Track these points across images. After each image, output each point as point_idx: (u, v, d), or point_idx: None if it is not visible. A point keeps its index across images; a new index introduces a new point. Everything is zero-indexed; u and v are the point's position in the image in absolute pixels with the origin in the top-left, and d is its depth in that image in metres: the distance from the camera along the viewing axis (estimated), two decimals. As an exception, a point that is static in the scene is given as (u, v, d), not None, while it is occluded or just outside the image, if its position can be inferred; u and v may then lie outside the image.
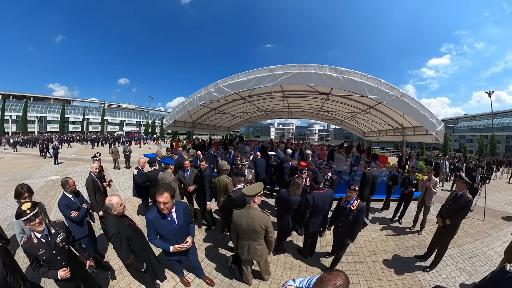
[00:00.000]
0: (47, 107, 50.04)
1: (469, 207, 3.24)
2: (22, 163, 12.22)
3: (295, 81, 6.43)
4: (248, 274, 2.84)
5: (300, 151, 7.21)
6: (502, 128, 40.59)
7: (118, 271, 3.13)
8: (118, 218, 2.23)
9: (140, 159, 5.00)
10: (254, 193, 2.50)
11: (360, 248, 3.93)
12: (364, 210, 3.00)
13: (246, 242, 2.51)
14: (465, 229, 4.98)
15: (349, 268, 3.38)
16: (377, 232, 4.66)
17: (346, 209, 3.06)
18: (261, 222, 2.39)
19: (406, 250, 3.95)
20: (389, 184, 5.76)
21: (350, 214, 2.98)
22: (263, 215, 2.48)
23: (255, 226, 2.37)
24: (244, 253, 2.59)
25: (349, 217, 2.99)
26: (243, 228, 2.43)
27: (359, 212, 2.95)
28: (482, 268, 3.51)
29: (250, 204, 2.51)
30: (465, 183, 3.35)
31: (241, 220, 2.43)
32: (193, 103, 8.77)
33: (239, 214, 2.51)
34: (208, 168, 4.20)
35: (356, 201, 3.01)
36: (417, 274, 3.28)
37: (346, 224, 3.04)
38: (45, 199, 6.17)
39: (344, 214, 3.07)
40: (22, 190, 2.69)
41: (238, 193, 3.04)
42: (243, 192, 2.58)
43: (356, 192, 3.04)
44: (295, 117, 17.47)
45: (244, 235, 2.48)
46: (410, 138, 9.31)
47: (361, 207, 2.97)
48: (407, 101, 5.98)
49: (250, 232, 2.42)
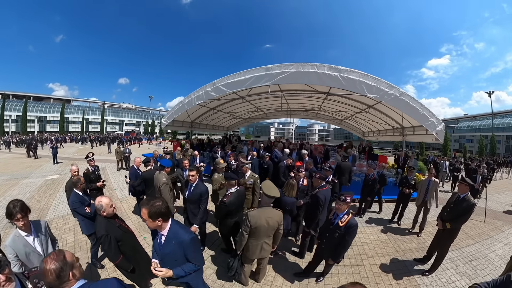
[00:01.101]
0: (46, 107, 50.02)
1: (471, 212, 3.10)
2: (22, 163, 12.25)
3: (292, 80, 6.35)
4: (246, 274, 2.79)
5: (298, 151, 7.11)
6: (502, 128, 40.50)
7: (111, 269, 3.13)
8: (107, 219, 2.20)
9: (136, 158, 4.98)
10: (273, 195, 2.49)
11: (357, 251, 3.83)
12: (355, 229, 2.47)
13: (260, 242, 2.48)
14: (465, 231, 4.87)
15: (345, 272, 3.29)
16: (375, 234, 4.56)
17: (333, 223, 2.59)
18: (279, 219, 2.46)
19: (405, 253, 3.85)
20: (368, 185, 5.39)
21: (337, 231, 2.51)
22: (278, 212, 2.53)
23: (274, 223, 2.43)
24: (256, 252, 2.53)
25: (335, 235, 2.53)
26: (263, 227, 2.40)
27: (347, 230, 2.46)
28: (483, 271, 3.41)
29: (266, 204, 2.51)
30: (467, 185, 3.21)
31: (261, 221, 2.40)
32: (191, 102, 8.73)
33: (258, 215, 2.43)
34: (199, 183, 3.24)
35: (346, 216, 2.52)
36: (416, 278, 3.18)
37: (331, 242, 2.58)
38: (44, 198, 6.18)
39: (331, 230, 2.61)
40: (14, 209, 1.97)
41: (231, 197, 2.90)
42: (264, 192, 2.48)
43: (347, 204, 2.52)
44: (294, 117, 17.39)
45: (260, 234, 2.45)
46: (410, 138, 9.22)
47: (351, 225, 2.47)
48: (407, 100, 5.88)
49: (268, 230, 2.44)
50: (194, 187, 3.17)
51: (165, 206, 1.69)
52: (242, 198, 3.13)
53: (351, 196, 2.59)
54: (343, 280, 3.12)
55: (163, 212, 1.66)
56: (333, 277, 3.16)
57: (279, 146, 7.74)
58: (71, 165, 3.88)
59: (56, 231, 4.16)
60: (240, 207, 3.04)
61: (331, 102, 10.86)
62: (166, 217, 1.70)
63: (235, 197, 2.93)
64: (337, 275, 3.22)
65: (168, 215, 1.73)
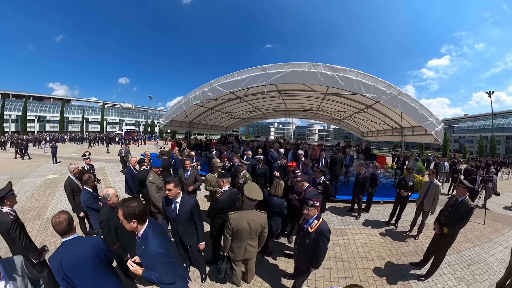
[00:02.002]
0: (46, 107, 50.03)
1: (470, 216, 2.98)
2: (21, 162, 12.32)
3: (289, 80, 6.28)
4: (238, 274, 2.76)
5: (293, 151, 7.03)
6: (502, 128, 40.34)
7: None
8: (112, 208, 2.45)
9: (132, 158, 5.13)
10: (254, 197, 2.46)
11: (351, 254, 3.74)
12: (326, 235, 2.24)
13: (243, 244, 2.49)
14: (464, 233, 4.76)
15: (337, 275, 3.20)
16: (371, 236, 4.45)
17: (303, 229, 2.40)
18: (262, 222, 2.44)
19: (401, 256, 3.75)
20: (359, 183, 5.31)
21: (307, 237, 2.32)
22: (262, 214, 2.52)
23: (257, 226, 2.41)
24: (241, 254, 2.55)
25: (306, 241, 2.33)
26: (245, 230, 2.41)
27: (319, 236, 2.24)
28: (482, 276, 3.29)
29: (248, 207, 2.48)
30: (466, 188, 3.08)
31: (243, 223, 2.41)
32: (188, 102, 8.73)
33: (239, 218, 2.44)
34: (185, 197, 2.58)
35: (316, 221, 2.32)
36: (411, 283, 3.08)
37: (304, 248, 2.39)
38: (43, 197, 6.25)
39: (301, 236, 2.42)
40: None
41: (224, 195, 2.91)
42: (245, 194, 2.48)
43: (316, 209, 2.32)
44: (293, 117, 17.34)
45: (243, 237, 2.45)
46: (409, 138, 9.14)
47: (322, 230, 2.24)
48: (405, 100, 5.80)
49: (251, 233, 2.43)
50: (180, 204, 2.49)
51: (141, 208, 1.62)
52: (234, 198, 3.12)
53: (319, 200, 2.41)
54: (335, 283, 3.04)
55: (137, 214, 1.59)
56: (324, 281, 3.08)
57: (275, 146, 7.67)
58: (70, 164, 3.95)
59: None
60: (232, 205, 2.99)
61: (329, 102, 10.78)
62: (141, 219, 1.63)
63: (228, 195, 2.95)
64: (329, 278, 3.14)
65: (144, 218, 1.66)
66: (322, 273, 3.23)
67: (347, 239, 4.30)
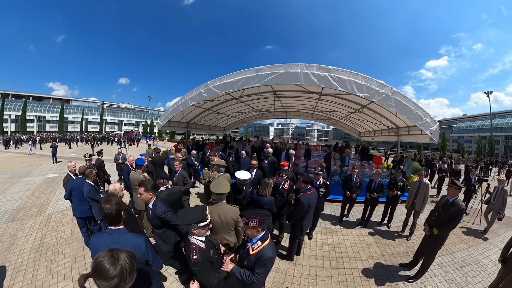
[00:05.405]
0: (46, 107, 50.09)
1: (461, 217, 2.92)
2: (22, 162, 12.48)
3: (281, 81, 6.29)
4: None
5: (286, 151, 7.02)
6: (501, 128, 40.36)
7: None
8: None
9: (129, 157, 5.22)
10: (219, 192, 2.50)
11: (339, 253, 3.70)
12: (267, 263, 1.71)
13: (219, 236, 2.52)
14: (458, 234, 4.72)
15: (323, 274, 3.16)
16: (362, 236, 4.42)
17: (245, 247, 1.88)
18: (233, 215, 2.46)
19: (391, 257, 3.71)
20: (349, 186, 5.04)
21: (246, 258, 1.79)
22: (233, 208, 2.55)
23: (228, 219, 2.44)
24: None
25: (244, 262, 1.81)
26: (216, 223, 2.44)
27: (257, 262, 1.70)
28: (474, 279, 3.21)
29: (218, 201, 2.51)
30: (458, 188, 3.00)
31: (213, 216, 2.41)
32: (185, 103, 8.79)
33: (210, 211, 2.43)
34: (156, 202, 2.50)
35: (260, 242, 1.76)
36: (399, 284, 3.05)
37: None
38: (43, 195, 6.41)
39: (241, 255, 1.93)
40: None
41: (161, 194, 3.00)
42: (212, 190, 2.57)
43: (255, 229, 1.75)
44: (290, 117, 17.35)
45: (216, 229, 2.49)
46: (405, 138, 9.10)
47: (262, 256, 1.70)
48: (399, 99, 5.76)
49: (223, 225, 2.47)
50: (151, 209, 2.45)
51: (115, 209, 1.57)
52: (174, 197, 3.23)
53: (257, 219, 1.75)
54: (320, 282, 3.01)
55: (109, 216, 1.57)
56: (310, 279, 3.06)
57: (266, 146, 7.74)
58: (68, 162, 4.20)
59: (55, 224, 4.54)
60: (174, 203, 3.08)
61: (325, 102, 10.76)
62: (114, 221, 1.59)
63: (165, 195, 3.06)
64: (314, 276, 3.11)
65: (118, 220, 1.61)
66: (308, 271, 3.21)
67: (336, 238, 4.27)
